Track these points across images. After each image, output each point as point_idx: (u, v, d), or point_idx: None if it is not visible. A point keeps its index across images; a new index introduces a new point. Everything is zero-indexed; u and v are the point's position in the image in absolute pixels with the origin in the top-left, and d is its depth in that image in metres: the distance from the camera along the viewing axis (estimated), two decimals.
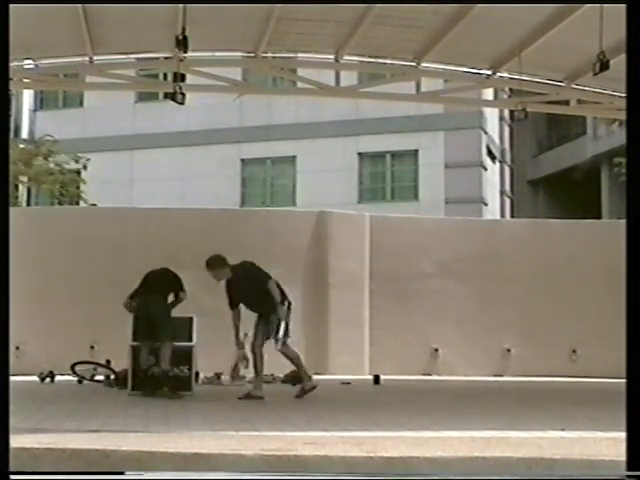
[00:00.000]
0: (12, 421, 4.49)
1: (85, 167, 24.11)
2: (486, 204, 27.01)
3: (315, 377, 11.91)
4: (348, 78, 15.58)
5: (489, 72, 13.22)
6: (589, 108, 15.00)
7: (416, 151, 26.70)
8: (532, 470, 5.21)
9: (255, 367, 9.84)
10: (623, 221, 5.18)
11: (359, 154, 27.15)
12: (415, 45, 12.37)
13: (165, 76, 17.36)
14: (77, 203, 23.92)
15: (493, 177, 29.39)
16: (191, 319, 10.20)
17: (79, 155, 23.79)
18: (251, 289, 9.79)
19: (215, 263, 9.89)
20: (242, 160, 27.80)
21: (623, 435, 4.57)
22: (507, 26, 11.56)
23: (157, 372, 9.74)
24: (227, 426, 6.68)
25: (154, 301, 10.03)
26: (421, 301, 14.72)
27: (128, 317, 10.16)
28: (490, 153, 28.60)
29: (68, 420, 6.93)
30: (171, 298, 10.27)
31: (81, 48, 11.94)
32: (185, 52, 10.92)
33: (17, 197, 24.35)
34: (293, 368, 10.66)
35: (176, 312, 10.21)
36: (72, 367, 11.73)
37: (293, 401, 9.69)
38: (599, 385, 12.58)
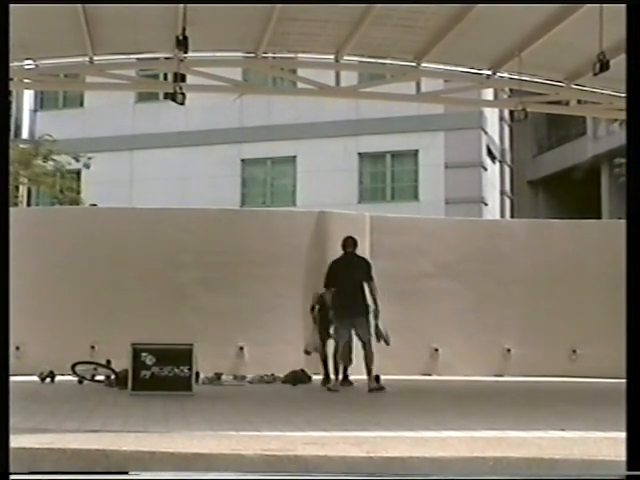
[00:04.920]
0: (12, 421, 4.49)
1: (88, 167, 24.05)
2: (486, 204, 27.01)
3: (315, 377, 11.97)
4: (348, 78, 15.56)
5: (489, 72, 13.23)
6: (589, 108, 15.00)
7: (416, 151, 26.71)
8: (532, 470, 5.21)
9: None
10: (623, 221, 5.18)
11: (359, 154, 27.15)
12: (415, 45, 12.37)
13: (165, 76, 17.36)
14: (77, 203, 23.88)
15: (493, 177, 29.39)
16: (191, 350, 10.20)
17: (80, 154, 23.72)
18: None
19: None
20: (242, 160, 27.80)
21: (623, 435, 4.56)
22: (507, 26, 11.56)
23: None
24: (227, 426, 6.67)
25: (360, 323, 11.09)
26: (421, 301, 14.69)
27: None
28: (490, 153, 28.60)
29: (68, 420, 6.92)
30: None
31: (81, 48, 11.94)
32: (185, 52, 10.90)
33: (17, 197, 24.31)
34: (293, 368, 10.70)
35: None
36: (72, 367, 11.71)
37: (293, 401, 9.69)
38: (599, 385, 12.57)
